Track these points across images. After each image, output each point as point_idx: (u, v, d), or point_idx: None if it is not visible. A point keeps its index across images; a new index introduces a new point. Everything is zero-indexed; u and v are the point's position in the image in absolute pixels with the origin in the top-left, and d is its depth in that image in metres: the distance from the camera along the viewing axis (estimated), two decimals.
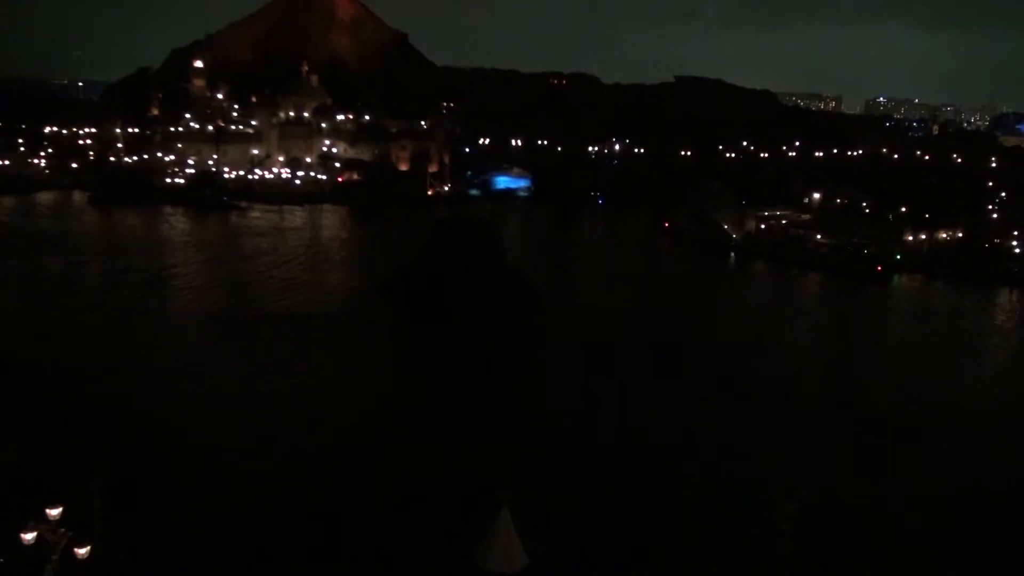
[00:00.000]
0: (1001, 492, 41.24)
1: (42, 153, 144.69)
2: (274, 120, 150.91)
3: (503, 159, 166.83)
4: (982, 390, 59.82)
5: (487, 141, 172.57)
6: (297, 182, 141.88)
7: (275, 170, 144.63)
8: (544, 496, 35.83)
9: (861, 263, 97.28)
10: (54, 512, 19.27)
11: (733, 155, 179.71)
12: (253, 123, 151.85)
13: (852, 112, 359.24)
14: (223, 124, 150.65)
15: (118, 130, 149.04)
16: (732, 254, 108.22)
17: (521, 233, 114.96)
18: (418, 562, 31.67)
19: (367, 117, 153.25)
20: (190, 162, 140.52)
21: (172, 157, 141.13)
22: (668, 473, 41.64)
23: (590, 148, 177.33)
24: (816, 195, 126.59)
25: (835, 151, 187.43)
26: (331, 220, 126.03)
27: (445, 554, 30.17)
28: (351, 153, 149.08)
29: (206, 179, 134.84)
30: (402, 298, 73.62)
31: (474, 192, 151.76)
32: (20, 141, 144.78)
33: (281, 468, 39.88)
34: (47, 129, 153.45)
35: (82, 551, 19.03)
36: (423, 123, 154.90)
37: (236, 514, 34.97)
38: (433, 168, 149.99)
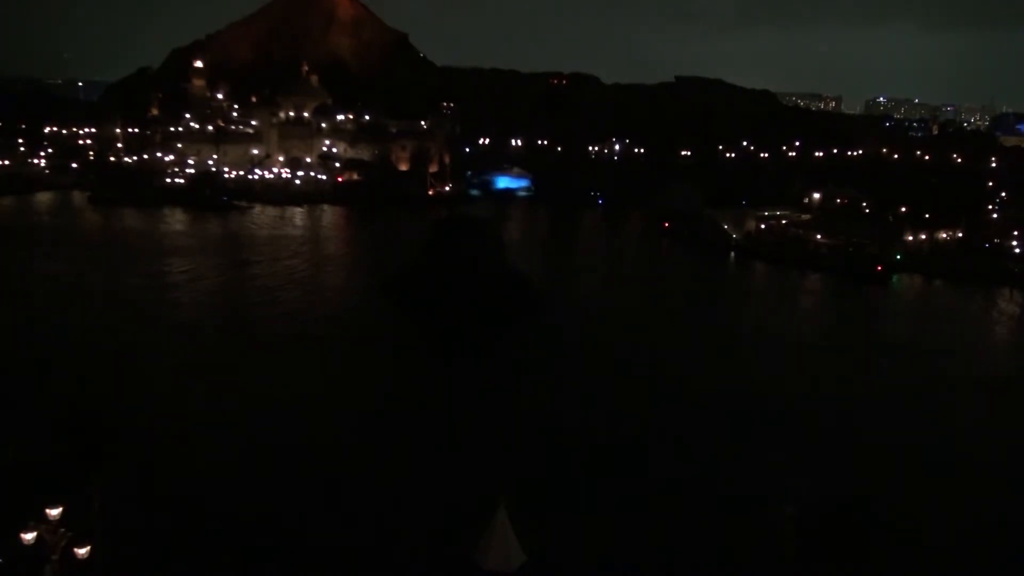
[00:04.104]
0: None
1: (42, 153, 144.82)
2: (274, 120, 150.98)
3: (503, 159, 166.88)
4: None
5: (487, 141, 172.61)
6: (297, 182, 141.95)
7: (275, 170, 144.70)
8: (542, 496, 35.91)
9: (861, 263, 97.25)
10: (54, 512, 19.30)
11: (733, 155, 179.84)
12: (253, 123, 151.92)
13: (852, 112, 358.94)
14: (223, 124, 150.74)
15: (118, 130, 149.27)
16: (732, 254, 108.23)
17: (521, 233, 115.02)
18: (417, 562, 31.71)
19: (367, 117, 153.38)
20: (190, 162, 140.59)
21: (172, 157, 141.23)
22: (663, 474, 41.68)
23: (590, 148, 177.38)
24: (816, 195, 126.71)
25: (835, 151, 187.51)
26: (332, 220, 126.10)
27: (444, 553, 30.18)
28: (351, 153, 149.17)
29: (206, 179, 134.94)
30: (404, 299, 73.61)
31: (474, 192, 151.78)
32: (20, 141, 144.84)
33: (281, 467, 39.93)
34: (47, 129, 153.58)
35: (82, 551, 19.07)
36: (423, 123, 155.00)
37: (236, 512, 35.02)
38: (433, 168, 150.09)
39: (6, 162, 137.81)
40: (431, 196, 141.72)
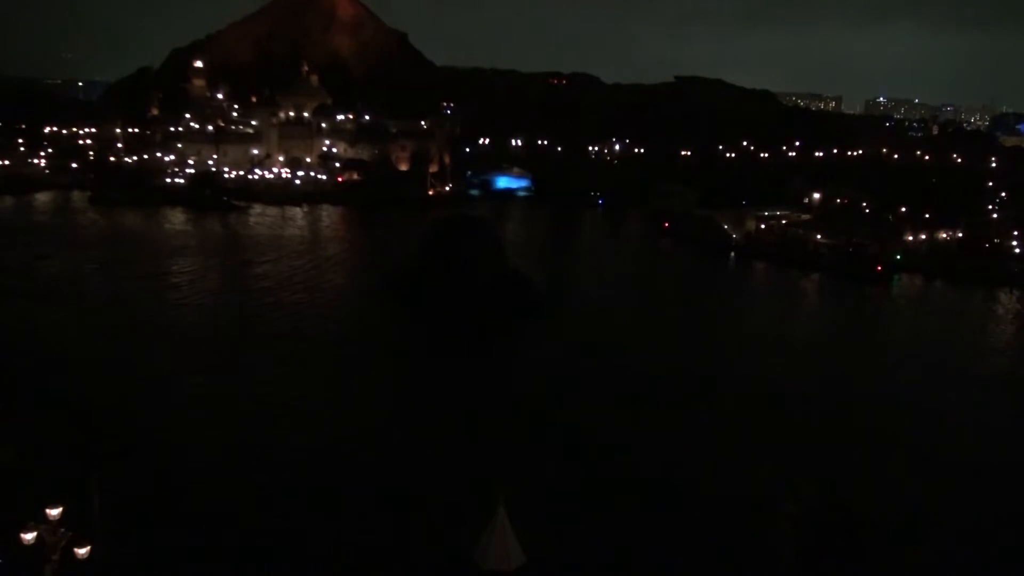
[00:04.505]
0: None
1: (42, 153, 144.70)
2: (274, 120, 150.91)
3: (503, 159, 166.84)
4: None
5: (487, 141, 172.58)
6: (297, 182, 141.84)
7: (275, 170, 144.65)
8: (542, 496, 35.91)
9: (861, 263, 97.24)
10: (54, 512, 19.28)
11: (733, 155, 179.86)
12: (253, 123, 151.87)
13: (852, 112, 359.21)
14: (223, 124, 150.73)
15: (118, 130, 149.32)
16: (732, 254, 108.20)
17: (521, 233, 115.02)
18: (417, 562, 31.73)
19: (367, 117, 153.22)
20: (190, 162, 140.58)
21: (172, 157, 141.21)
22: (663, 474, 41.70)
23: (590, 148, 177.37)
24: (816, 195, 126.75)
25: (835, 151, 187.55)
26: (332, 221, 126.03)
27: (443, 553, 30.21)
28: (351, 153, 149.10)
29: (206, 179, 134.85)
30: (404, 299, 73.63)
31: (474, 192, 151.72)
32: (20, 141, 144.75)
33: (281, 467, 39.95)
34: (47, 129, 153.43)
35: (82, 551, 19.05)
36: (423, 123, 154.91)
37: (236, 513, 35.04)
38: (433, 168, 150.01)
39: (6, 162, 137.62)
40: (431, 196, 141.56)
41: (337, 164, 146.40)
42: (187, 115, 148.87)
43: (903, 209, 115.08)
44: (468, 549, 18.96)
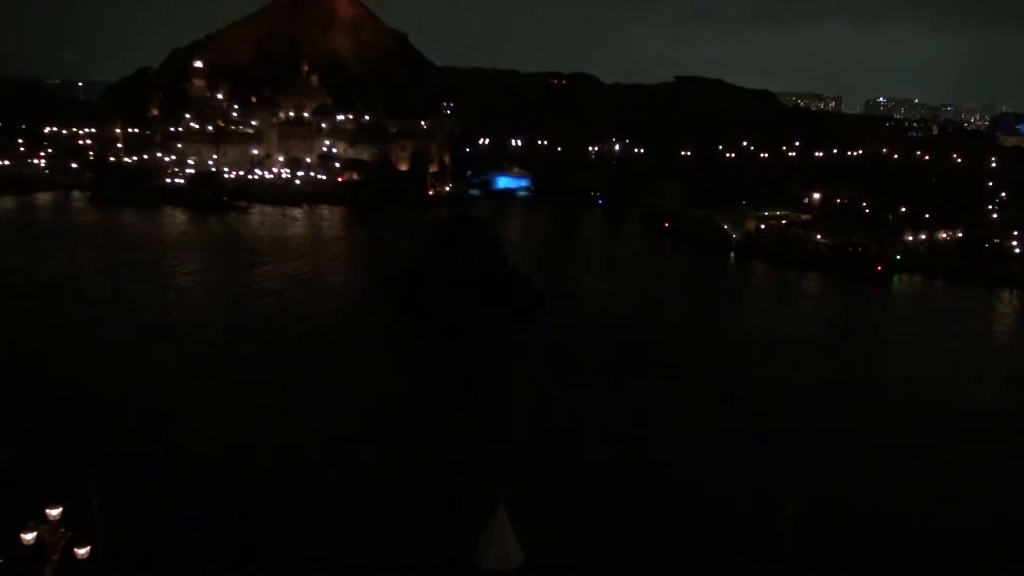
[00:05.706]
0: None
1: (42, 153, 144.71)
2: (274, 120, 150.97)
3: (503, 159, 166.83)
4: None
5: (487, 141, 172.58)
6: (297, 182, 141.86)
7: (275, 170, 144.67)
8: (542, 496, 35.92)
9: (861, 263, 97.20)
10: (54, 512, 19.26)
11: (733, 155, 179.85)
12: (253, 123, 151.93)
13: (852, 112, 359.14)
14: (223, 124, 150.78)
15: (118, 130, 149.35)
16: (732, 254, 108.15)
17: (521, 233, 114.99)
18: (417, 561, 31.72)
19: (367, 117, 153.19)
20: (190, 162, 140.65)
21: (172, 157, 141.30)
22: (663, 474, 41.71)
23: (590, 148, 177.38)
24: (816, 195, 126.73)
25: (835, 151, 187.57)
26: (332, 221, 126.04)
27: (443, 552, 30.20)
28: (351, 153, 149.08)
29: (206, 179, 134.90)
30: (404, 298, 73.63)
31: (474, 192, 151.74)
32: (20, 141, 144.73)
33: (281, 467, 39.94)
34: (47, 129, 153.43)
35: (82, 551, 19.04)
36: (423, 123, 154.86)
37: (235, 513, 35.05)
38: (433, 168, 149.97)
39: (6, 162, 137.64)
40: (431, 196, 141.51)
41: (337, 164, 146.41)
42: (187, 115, 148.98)
43: (903, 209, 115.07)
44: (468, 549, 18.97)
